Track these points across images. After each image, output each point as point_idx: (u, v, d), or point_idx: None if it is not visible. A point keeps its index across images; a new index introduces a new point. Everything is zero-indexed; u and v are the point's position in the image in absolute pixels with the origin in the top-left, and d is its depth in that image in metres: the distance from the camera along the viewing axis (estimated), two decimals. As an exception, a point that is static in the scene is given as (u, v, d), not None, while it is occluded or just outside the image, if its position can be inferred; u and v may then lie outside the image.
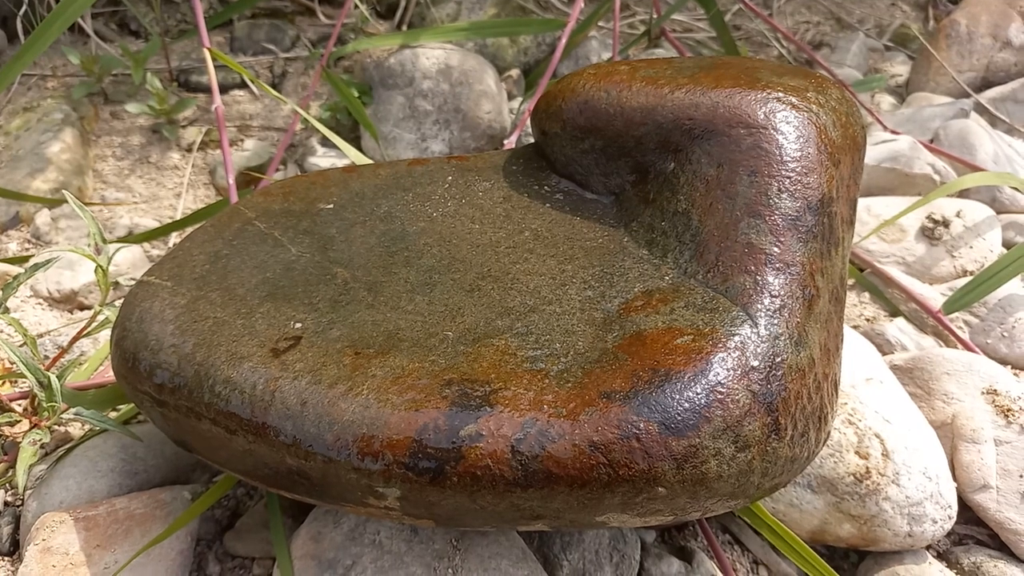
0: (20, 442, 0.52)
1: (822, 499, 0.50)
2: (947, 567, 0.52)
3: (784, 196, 0.44)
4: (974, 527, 0.55)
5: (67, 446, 0.54)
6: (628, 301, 0.43)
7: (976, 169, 0.85)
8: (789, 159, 0.45)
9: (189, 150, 0.96)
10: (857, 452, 0.50)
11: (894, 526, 0.49)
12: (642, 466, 0.36)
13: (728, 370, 0.38)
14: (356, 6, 1.08)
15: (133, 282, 0.54)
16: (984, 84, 1.10)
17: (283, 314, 0.45)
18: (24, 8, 1.02)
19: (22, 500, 0.53)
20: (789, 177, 0.45)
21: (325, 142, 0.96)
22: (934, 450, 0.52)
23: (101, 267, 0.55)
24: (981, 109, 1.03)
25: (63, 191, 0.60)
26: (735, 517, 0.54)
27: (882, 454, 0.50)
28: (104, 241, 0.56)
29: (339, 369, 0.40)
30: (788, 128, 0.46)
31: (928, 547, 0.53)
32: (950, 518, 0.51)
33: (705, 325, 0.40)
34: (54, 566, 0.45)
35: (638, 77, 0.52)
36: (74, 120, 0.93)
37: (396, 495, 0.38)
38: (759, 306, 0.40)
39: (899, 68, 1.18)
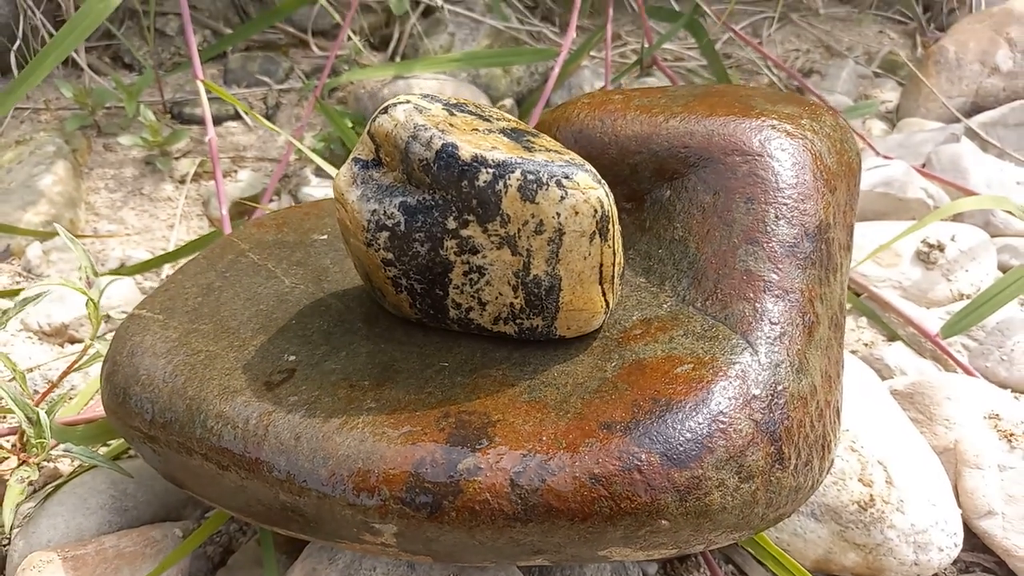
0: (8, 480, 0.51)
1: (826, 528, 0.49)
2: (954, 597, 0.51)
3: (781, 223, 0.44)
4: (980, 554, 0.54)
5: (56, 483, 0.52)
6: (627, 329, 0.42)
7: (969, 193, 0.85)
8: (785, 186, 0.45)
9: (182, 181, 0.96)
10: (860, 480, 0.49)
11: (900, 554, 0.49)
12: (644, 498, 0.35)
13: (730, 399, 0.37)
14: (349, 38, 1.09)
15: (125, 315, 0.53)
16: (974, 109, 1.11)
17: (277, 347, 0.44)
18: (18, 42, 1.02)
19: (8, 539, 0.51)
20: (786, 204, 0.45)
21: (319, 172, 0.96)
22: (938, 476, 0.52)
23: (92, 300, 0.55)
24: (972, 134, 1.03)
25: (54, 223, 0.60)
26: (738, 547, 0.53)
27: (886, 481, 0.49)
28: (96, 274, 0.56)
29: (334, 402, 0.40)
30: (784, 155, 0.46)
31: (934, 575, 0.52)
32: (956, 545, 0.50)
33: (705, 353, 0.39)
34: (41, 608, 0.43)
35: (632, 106, 0.52)
36: (67, 153, 0.93)
37: (393, 531, 0.37)
38: (759, 333, 0.40)
39: (889, 94, 1.19)
